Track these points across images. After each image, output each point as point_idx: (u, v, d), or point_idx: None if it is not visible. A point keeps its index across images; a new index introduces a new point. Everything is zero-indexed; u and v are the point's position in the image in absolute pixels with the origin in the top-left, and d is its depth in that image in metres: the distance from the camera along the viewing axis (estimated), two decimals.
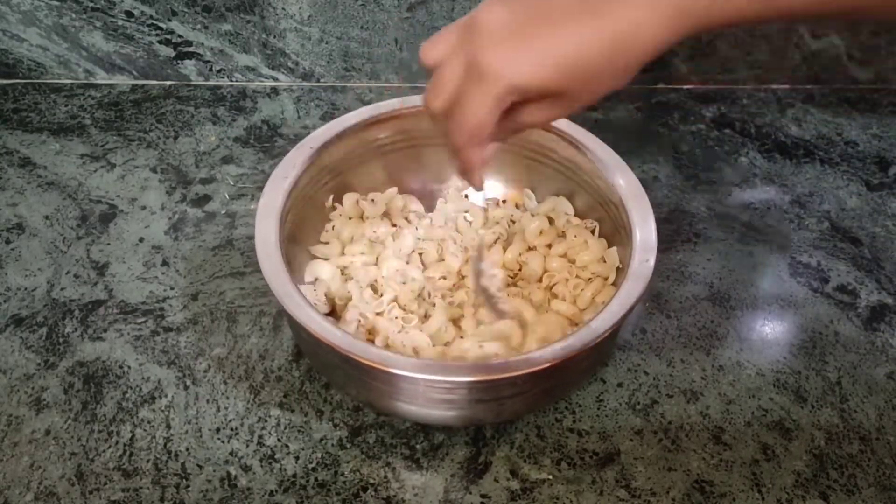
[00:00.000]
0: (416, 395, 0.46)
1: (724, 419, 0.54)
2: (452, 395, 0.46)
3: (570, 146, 0.58)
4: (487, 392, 0.46)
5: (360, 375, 0.46)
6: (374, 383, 0.47)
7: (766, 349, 0.59)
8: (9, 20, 0.77)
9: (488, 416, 0.51)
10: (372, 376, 0.46)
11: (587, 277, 0.57)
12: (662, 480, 0.50)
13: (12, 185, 0.71)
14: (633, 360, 0.58)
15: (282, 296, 0.46)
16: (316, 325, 0.45)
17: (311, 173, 0.56)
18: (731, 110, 0.82)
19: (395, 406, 0.48)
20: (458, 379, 0.44)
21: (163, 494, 0.49)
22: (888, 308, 0.62)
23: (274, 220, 0.51)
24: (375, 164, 0.62)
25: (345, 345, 0.44)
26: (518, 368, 0.43)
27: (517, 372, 0.43)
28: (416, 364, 0.44)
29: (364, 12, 0.78)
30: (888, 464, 0.52)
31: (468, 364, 0.48)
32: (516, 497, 0.49)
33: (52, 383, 0.55)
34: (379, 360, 0.44)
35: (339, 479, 0.50)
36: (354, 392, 0.52)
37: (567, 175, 0.60)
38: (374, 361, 0.44)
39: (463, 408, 0.48)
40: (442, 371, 0.44)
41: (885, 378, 0.57)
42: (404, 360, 0.44)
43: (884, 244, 0.68)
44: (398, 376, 0.44)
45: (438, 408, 0.48)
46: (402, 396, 0.47)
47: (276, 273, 0.48)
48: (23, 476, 0.50)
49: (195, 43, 0.80)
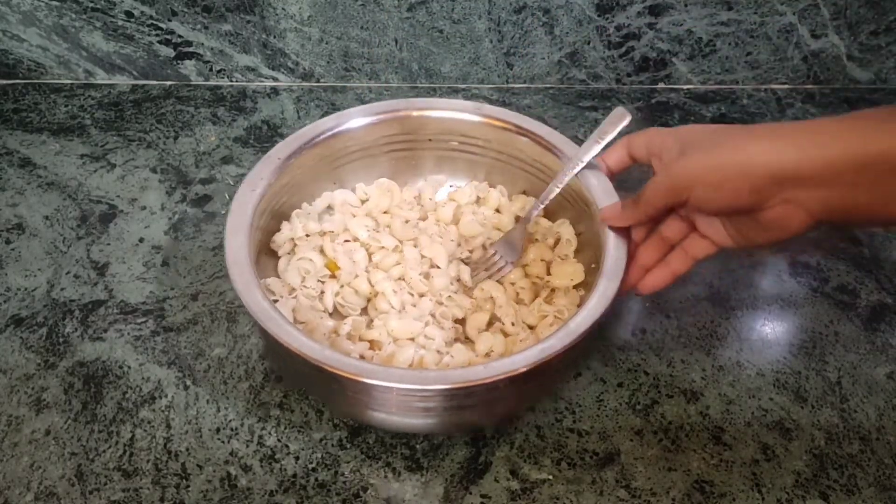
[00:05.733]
0: (395, 404, 0.46)
1: (724, 419, 0.54)
2: (431, 402, 0.46)
3: (538, 146, 0.59)
4: (468, 398, 0.46)
5: (341, 388, 0.46)
6: (357, 396, 0.47)
7: (766, 349, 0.59)
8: (9, 20, 0.77)
9: (477, 419, 0.51)
10: (355, 389, 0.45)
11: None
12: (662, 480, 0.50)
13: (12, 186, 0.71)
14: (633, 360, 0.58)
15: (258, 314, 0.46)
16: (297, 342, 0.44)
17: (280, 183, 0.57)
18: (731, 110, 0.82)
19: (382, 418, 0.48)
20: (436, 387, 0.44)
21: (163, 494, 0.49)
22: (888, 308, 0.62)
23: (244, 236, 0.51)
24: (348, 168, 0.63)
25: (322, 358, 0.44)
26: (497, 372, 0.44)
27: (496, 376, 0.43)
28: (401, 374, 0.44)
29: (364, 12, 0.78)
30: (888, 464, 0.52)
31: (445, 371, 0.48)
32: (516, 497, 0.49)
33: (52, 383, 0.55)
34: (361, 371, 0.43)
35: (339, 479, 0.50)
36: (334, 405, 0.52)
37: (537, 176, 0.61)
38: (355, 373, 0.43)
39: (443, 415, 0.48)
40: (420, 380, 0.44)
41: (885, 378, 0.57)
42: (387, 370, 0.44)
43: (884, 244, 0.68)
44: (378, 387, 0.44)
45: (420, 416, 0.48)
46: (387, 407, 0.47)
47: (250, 289, 0.47)
48: (23, 476, 0.50)
49: (195, 43, 0.80)
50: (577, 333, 0.45)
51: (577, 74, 0.84)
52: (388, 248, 0.59)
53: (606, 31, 0.80)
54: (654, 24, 0.80)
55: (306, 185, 0.61)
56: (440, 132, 0.62)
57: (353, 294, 0.57)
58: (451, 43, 0.81)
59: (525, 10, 0.78)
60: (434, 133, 0.62)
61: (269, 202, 0.56)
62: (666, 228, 0.51)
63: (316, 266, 0.57)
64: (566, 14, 0.78)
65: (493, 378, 0.43)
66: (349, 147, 0.61)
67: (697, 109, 0.82)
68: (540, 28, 0.80)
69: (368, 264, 0.59)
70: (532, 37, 0.80)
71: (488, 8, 0.78)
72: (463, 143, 0.63)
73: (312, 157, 0.59)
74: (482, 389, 0.44)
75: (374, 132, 0.61)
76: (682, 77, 0.85)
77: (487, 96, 0.83)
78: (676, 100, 0.84)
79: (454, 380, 0.44)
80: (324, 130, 0.59)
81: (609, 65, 0.83)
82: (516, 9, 0.78)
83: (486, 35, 0.80)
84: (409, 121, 0.62)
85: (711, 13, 0.79)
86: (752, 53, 0.82)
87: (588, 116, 0.81)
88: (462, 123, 0.62)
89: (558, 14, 0.78)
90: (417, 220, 0.62)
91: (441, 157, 0.64)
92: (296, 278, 0.56)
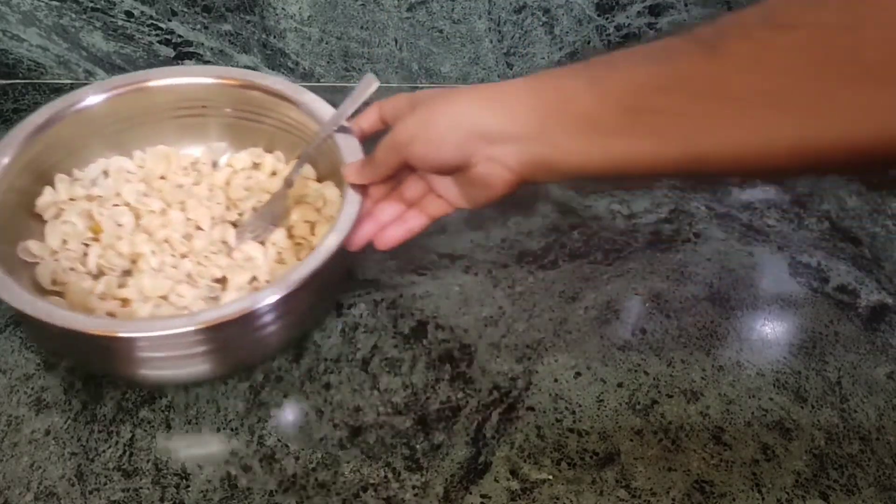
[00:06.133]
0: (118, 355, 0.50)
1: (724, 419, 0.54)
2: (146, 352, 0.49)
3: (303, 114, 0.62)
4: (178, 347, 0.49)
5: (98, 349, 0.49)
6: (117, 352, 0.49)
7: (766, 349, 0.59)
8: (9, 20, 0.77)
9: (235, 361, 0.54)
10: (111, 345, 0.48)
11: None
12: (662, 480, 0.50)
13: None
14: (633, 360, 0.58)
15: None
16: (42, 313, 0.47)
17: (35, 150, 0.58)
18: None
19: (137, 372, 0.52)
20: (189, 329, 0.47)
21: (163, 494, 0.49)
22: (888, 308, 0.62)
23: None
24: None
25: (33, 311, 0.46)
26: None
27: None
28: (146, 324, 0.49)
29: (364, 12, 0.78)
30: (888, 464, 0.52)
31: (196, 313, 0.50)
32: (516, 497, 0.49)
33: (52, 383, 0.55)
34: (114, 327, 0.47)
35: (339, 479, 0.50)
36: (99, 366, 0.54)
37: (310, 142, 0.63)
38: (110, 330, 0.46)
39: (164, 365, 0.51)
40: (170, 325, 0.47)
41: (885, 378, 0.57)
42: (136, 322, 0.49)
43: (884, 244, 0.68)
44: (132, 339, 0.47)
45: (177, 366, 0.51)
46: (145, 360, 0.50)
47: None
48: (23, 476, 0.50)
49: (195, 43, 0.80)
50: (295, 283, 0.48)
51: None
52: (155, 211, 0.61)
53: (606, 31, 0.80)
54: (654, 24, 0.80)
55: (77, 152, 0.63)
56: (207, 98, 0.65)
57: (116, 256, 0.58)
58: (451, 43, 0.81)
59: (525, 9, 0.78)
60: (204, 99, 0.65)
61: (27, 166, 0.58)
62: (406, 188, 0.54)
63: (78, 229, 0.59)
64: (566, 14, 0.78)
65: (187, 328, 0.47)
66: (108, 118, 0.63)
67: None
68: (540, 28, 0.80)
69: (136, 228, 0.61)
70: (532, 37, 0.80)
71: (488, 8, 0.78)
72: (240, 112, 0.65)
73: (67, 125, 0.61)
74: (179, 338, 0.48)
75: (111, 105, 0.63)
76: None
77: None
78: None
79: (145, 329, 0.48)
80: (66, 106, 0.61)
81: None
82: (516, 9, 0.78)
83: (486, 35, 0.80)
84: (149, 92, 0.64)
85: (711, 13, 0.79)
86: None
87: None
88: (232, 90, 0.64)
89: (558, 14, 0.78)
90: (191, 186, 0.64)
91: (224, 126, 0.67)
92: (56, 241, 0.58)
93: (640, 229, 0.68)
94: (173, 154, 0.65)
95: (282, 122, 0.64)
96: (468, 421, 0.53)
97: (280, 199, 0.61)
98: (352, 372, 0.56)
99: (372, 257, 0.63)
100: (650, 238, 0.67)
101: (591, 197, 0.71)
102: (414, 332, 0.59)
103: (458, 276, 0.63)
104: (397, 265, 0.64)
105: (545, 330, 0.59)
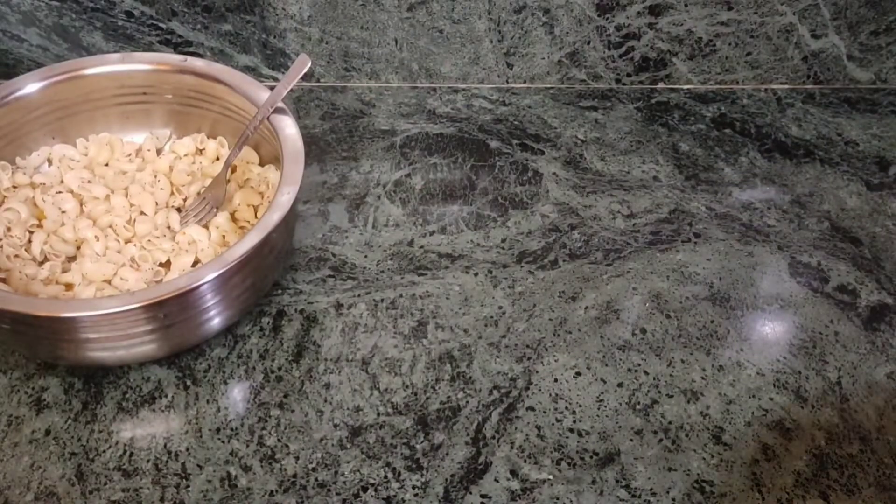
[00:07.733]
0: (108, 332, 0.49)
1: (724, 419, 0.54)
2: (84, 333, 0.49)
3: (244, 98, 0.62)
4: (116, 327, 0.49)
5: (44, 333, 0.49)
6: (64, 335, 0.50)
7: (766, 349, 0.59)
8: (9, 20, 0.77)
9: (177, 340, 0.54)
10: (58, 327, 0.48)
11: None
12: (662, 480, 0.50)
13: None
14: (633, 360, 0.58)
15: None
16: None
17: None
18: (731, 110, 0.82)
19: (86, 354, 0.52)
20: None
21: (163, 494, 0.49)
22: (888, 308, 0.62)
23: None
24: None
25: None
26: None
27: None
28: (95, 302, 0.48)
29: (364, 12, 0.78)
30: (888, 464, 0.52)
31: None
32: (516, 497, 0.49)
33: (52, 383, 0.55)
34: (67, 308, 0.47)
35: (339, 479, 0.50)
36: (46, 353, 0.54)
37: (226, 115, 0.64)
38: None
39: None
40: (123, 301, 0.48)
41: (885, 378, 0.57)
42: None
43: (884, 244, 0.68)
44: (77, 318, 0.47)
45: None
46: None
47: None
48: (23, 476, 0.50)
49: (195, 43, 0.80)
50: (234, 260, 0.50)
51: (577, 74, 0.84)
52: (99, 197, 0.62)
53: (606, 31, 0.80)
54: (654, 24, 0.80)
55: (19, 140, 0.63)
56: (147, 85, 0.65)
57: (60, 242, 0.59)
58: (451, 43, 0.81)
59: (525, 10, 0.78)
60: (144, 86, 0.65)
61: None
62: None
63: (21, 216, 0.59)
64: (566, 14, 0.78)
65: (119, 308, 0.47)
66: (50, 105, 0.63)
67: (697, 109, 0.82)
68: (540, 28, 0.80)
69: (80, 214, 0.61)
70: (532, 37, 0.80)
71: (488, 8, 0.78)
72: (182, 98, 0.66)
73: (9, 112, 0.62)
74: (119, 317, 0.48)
75: (48, 94, 0.63)
76: (682, 77, 0.85)
77: (488, 96, 0.83)
78: (676, 100, 0.83)
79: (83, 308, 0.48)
80: (4, 94, 0.61)
81: (609, 65, 0.83)
82: (516, 9, 0.78)
83: (486, 35, 0.80)
84: (87, 79, 0.64)
85: (711, 13, 0.79)
86: (752, 53, 0.82)
87: (588, 116, 0.81)
88: (170, 76, 0.65)
89: (558, 14, 0.78)
90: (135, 172, 0.64)
91: (168, 112, 0.67)
92: (0, 228, 0.59)
93: (640, 229, 0.68)
94: (116, 141, 0.66)
95: (223, 107, 0.65)
96: (468, 421, 0.53)
97: (221, 183, 0.62)
98: (352, 372, 0.56)
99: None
100: (650, 238, 0.67)
101: (591, 197, 0.71)
102: (414, 332, 0.59)
103: (458, 276, 0.63)
104: (397, 265, 0.64)
105: (545, 330, 0.59)
